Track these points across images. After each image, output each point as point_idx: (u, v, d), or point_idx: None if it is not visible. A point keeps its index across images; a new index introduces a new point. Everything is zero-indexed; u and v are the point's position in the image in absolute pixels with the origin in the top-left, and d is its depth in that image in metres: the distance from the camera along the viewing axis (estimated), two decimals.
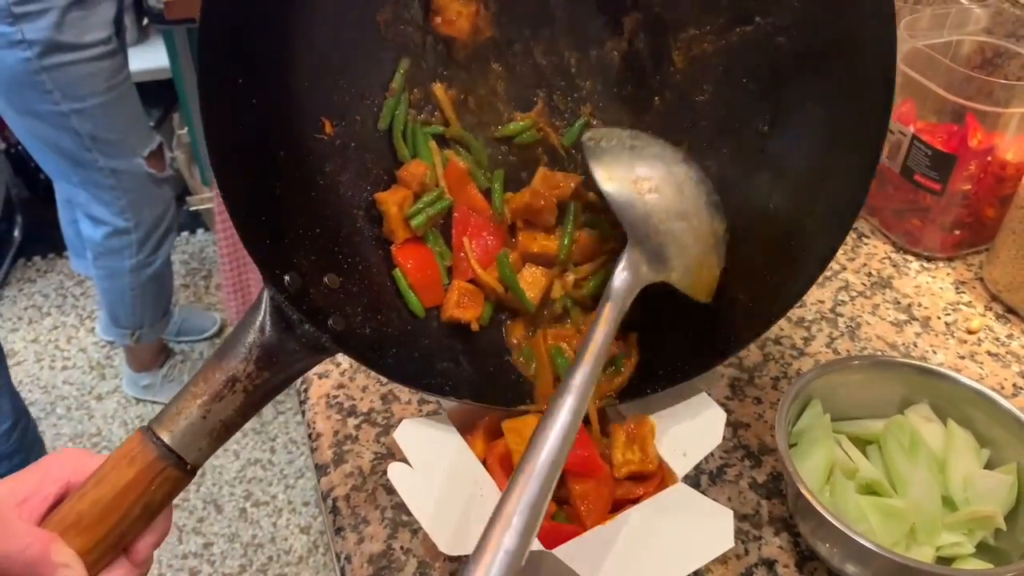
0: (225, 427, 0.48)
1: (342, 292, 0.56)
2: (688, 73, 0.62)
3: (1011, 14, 0.95)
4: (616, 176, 0.55)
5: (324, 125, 0.58)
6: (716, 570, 0.63)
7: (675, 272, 0.54)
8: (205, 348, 2.37)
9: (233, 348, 0.49)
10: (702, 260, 0.55)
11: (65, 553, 0.43)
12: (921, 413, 0.67)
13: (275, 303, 0.50)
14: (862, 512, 0.61)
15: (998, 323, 0.85)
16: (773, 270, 0.59)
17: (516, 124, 0.64)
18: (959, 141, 0.85)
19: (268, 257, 0.51)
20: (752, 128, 0.60)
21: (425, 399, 0.76)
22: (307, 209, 0.56)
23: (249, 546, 1.90)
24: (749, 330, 0.59)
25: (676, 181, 0.56)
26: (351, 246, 0.58)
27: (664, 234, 0.54)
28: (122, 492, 0.45)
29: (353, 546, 0.64)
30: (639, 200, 0.54)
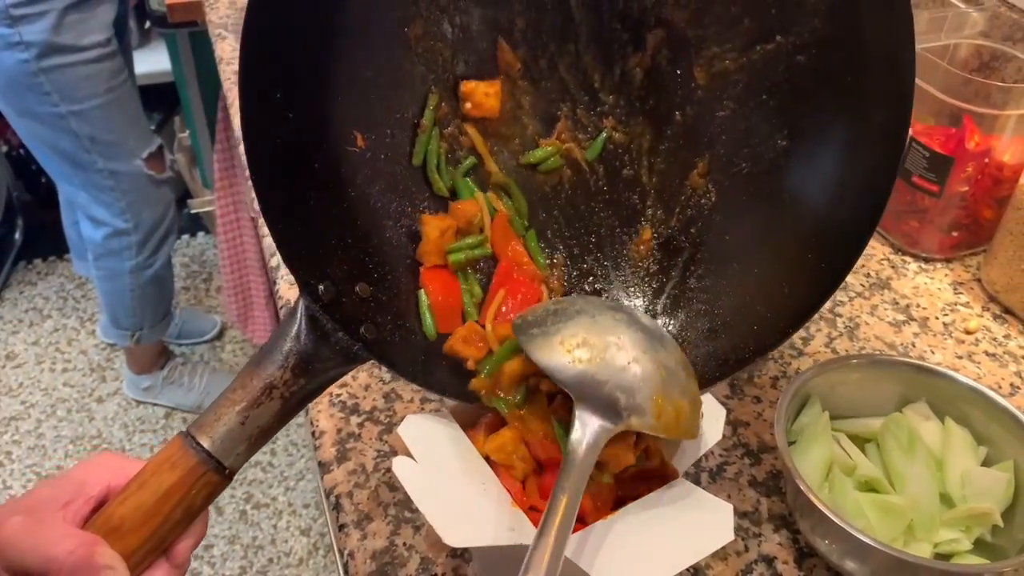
0: (262, 432, 0.50)
1: (373, 301, 0.57)
2: (709, 89, 0.63)
3: (1008, 18, 0.96)
4: (542, 345, 0.53)
5: (356, 138, 0.59)
6: (716, 567, 0.64)
7: (634, 417, 0.51)
8: (205, 350, 2.38)
9: (270, 356, 0.51)
10: (660, 397, 0.52)
11: (109, 556, 0.43)
12: (919, 411, 0.68)
13: (310, 312, 0.52)
14: (860, 509, 0.62)
15: (995, 323, 0.86)
16: (789, 283, 0.60)
17: (541, 151, 0.65)
18: (957, 143, 0.86)
19: (303, 267, 0.53)
20: (771, 143, 0.61)
21: (428, 398, 0.76)
22: (339, 220, 0.57)
23: (249, 548, 1.90)
24: (768, 339, 0.60)
25: (602, 329, 0.54)
26: (380, 256, 0.59)
27: (607, 383, 0.51)
28: (164, 496, 0.46)
29: (356, 543, 0.65)
30: (568, 360, 0.52)
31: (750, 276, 0.62)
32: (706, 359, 0.61)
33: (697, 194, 0.65)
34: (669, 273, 0.65)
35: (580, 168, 0.66)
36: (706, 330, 0.63)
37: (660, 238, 0.66)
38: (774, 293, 0.60)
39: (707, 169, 0.64)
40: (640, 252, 0.66)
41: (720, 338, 0.62)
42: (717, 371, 0.61)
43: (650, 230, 0.66)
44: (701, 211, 0.65)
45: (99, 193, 1.79)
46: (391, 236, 0.61)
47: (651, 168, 0.66)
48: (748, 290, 0.62)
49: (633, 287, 0.66)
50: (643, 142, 0.65)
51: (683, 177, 0.65)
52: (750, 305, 0.61)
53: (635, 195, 0.66)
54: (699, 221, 0.65)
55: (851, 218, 0.57)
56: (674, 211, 0.65)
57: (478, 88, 0.63)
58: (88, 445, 2.13)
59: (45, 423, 2.18)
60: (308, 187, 0.55)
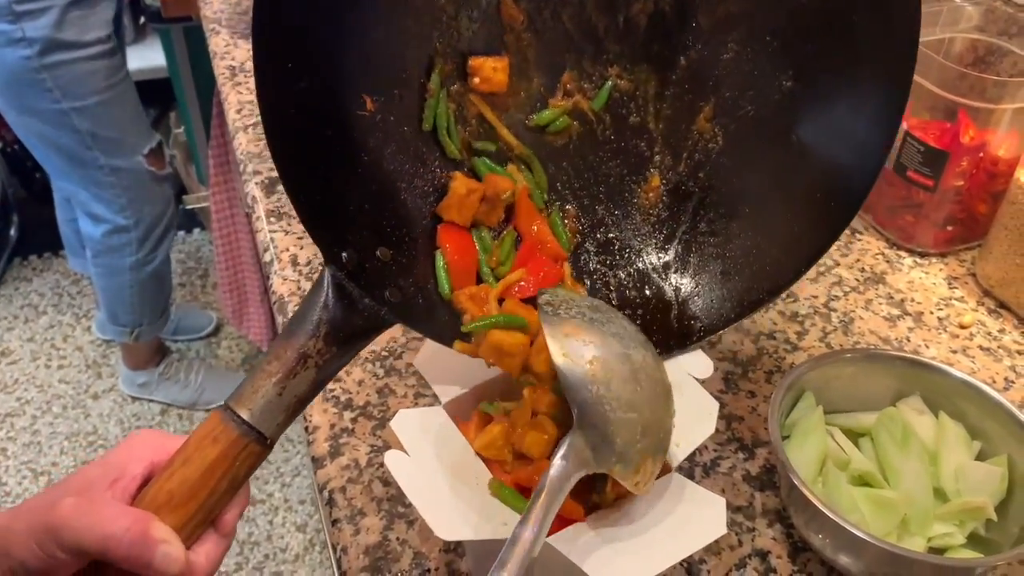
0: (299, 401, 0.50)
1: (394, 264, 0.57)
2: (713, 33, 0.63)
3: (1003, 12, 0.96)
4: (571, 352, 0.51)
5: (365, 102, 0.59)
6: (710, 561, 0.64)
7: (619, 465, 0.50)
8: (201, 347, 2.37)
9: (301, 326, 0.51)
10: (647, 454, 0.51)
11: (163, 530, 0.44)
12: (913, 405, 0.68)
13: (336, 280, 0.52)
14: (854, 503, 0.62)
15: (990, 318, 0.85)
16: (799, 223, 0.61)
17: (549, 112, 0.65)
18: (951, 138, 0.86)
19: (326, 235, 0.53)
20: (776, 85, 0.62)
21: (422, 393, 0.76)
22: (355, 185, 0.57)
23: (245, 544, 1.90)
24: (780, 280, 0.61)
25: (632, 368, 0.52)
26: (397, 219, 0.60)
27: (614, 423, 0.50)
28: (209, 469, 0.47)
29: (349, 538, 0.65)
30: (592, 383, 0.50)
31: (760, 218, 0.63)
32: (721, 301, 0.62)
33: (704, 138, 0.65)
34: (679, 218, 0.66)
35: (587, 118, 0.66)
36: (719, 273, 0.63)
37: (669, 184, 0.66)
38: (784, 234, 0.61)
39: (713, 113, 0.65)
40: (650, 199, 0.66)
41: (733, 280, 0.62)
42: (732, 312, 0.62)
43: (659, 176, 0.66)
44: (709, 155, 0.65)
45: (99, 190, 1.79)
46: (406, 199, 0.61)
47: (657, 114, 0.66)
48: (759, 232, 0.63)
49: (645, 234, 0.66)
50: (649, 88, 0.66)
51: (690, 122, 0.65)
52: (761, 247, 0.62)
53: (642, 142, 0.66)
54: (707, 165, 0.65)
55: (858, 158, 0.58)
56: (682, 156, 0.66)
57: (486, 63, 0.63)
58: (84, 441, 2.12)
59: (40, 419, 2.17)
60: (323, 154, 0.55)
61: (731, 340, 0.81)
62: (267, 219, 0.96)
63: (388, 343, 0.81)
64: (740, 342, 0.81)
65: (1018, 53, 0.92)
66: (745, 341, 0.81)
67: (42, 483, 2.02)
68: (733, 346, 0.81)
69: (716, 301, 0.62)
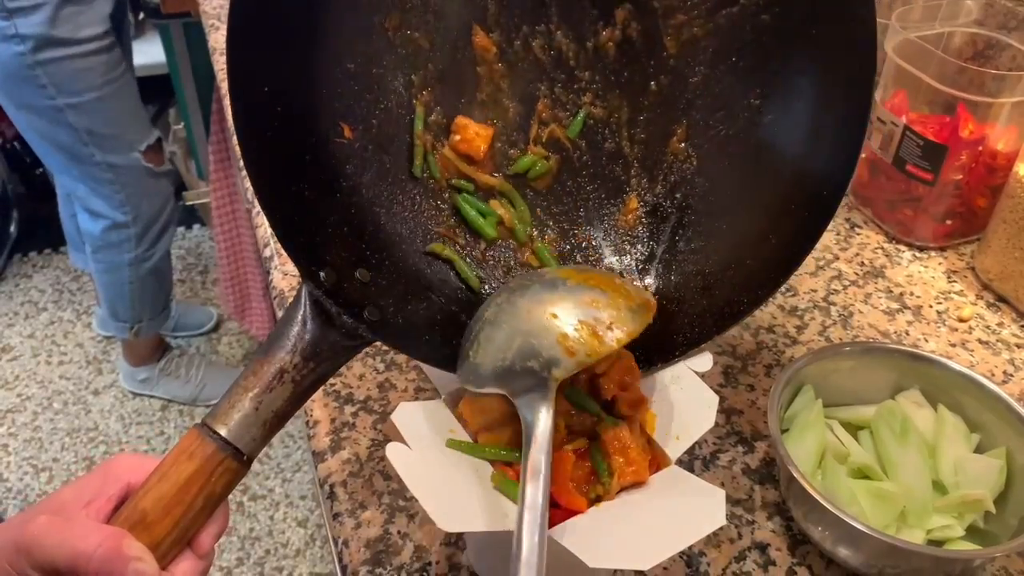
0: (277, 417, 0.50)
1: (373, 285, 0.58)
2: (680, 57, 0.65)
3: (1002, 6, 0.96)
4: (472, 379, 0.55)
5: (343, 130, 0.60)
6: (710, 553, 0.64)
7: (556, 370, 0.52)
8: (202, 343, 2.38)
9: (278, 342, 0.51)
10: (561, 336, 0.52)
11: (136, 547, 0.44)
12: (912, 399, 0.68)
13: (313, 297, 0.53)
14: (853, 496, 0.62)
15: (989, 311, 0.86)
16: (776, 234, 0.62)
17: (526, 159, 0.67)
18: (951, 132, 0.86)
19: (303, 255, 0.53)
20: (745, 103, 0.63)
21: (422, 387, 0.76)
22: (333, 209, 0.58)
23: (246, 539, 1.90)
24: (761, 290, 0.62)
25: (491, 324, 0.55)
26: (377, 242, 0.60)
27: (513, 366, 0.53)
28: (184, 486, 0.47)
29: (351, 531, 0.65)
30: (481, 372, 0.54)
31: (737, 233, 0.64)
32: (703, 315, 0.63)
33: (679, 160, 0.66)
34: (658, 239, 0.67)
35: (563, 146, 0.67)
36: (700, 288, 0.64)
37: (646, 206, 0.67)
38: (762, 246, 0.62)
39: (686, 135, 0.66)
40: (628, 221, 0.67)
41: (714, 294, 0.63)
42: (714, 326, 0.62)
43: (636, 199, 0.67)
44: (684, 176, 0.67)
45: (97, 185, 1.79)
46: (385, 223, 0.62)
47: (632, 139, 0.67)
48: (737, 246, 0.64)
49: (624, 255, 0.68)
50: (621, 114, 0.67)
51: (663, 145, 0.67)
52: (740, 260, 0.63)
53: (618, 167, 0.68)
54: (683, 186, 0.67)
55: (829, 166, 0.60)
56: (658, 179, 0.67)
57: (470, 127, 0.65)
58: (84, 437, 2.13)
59: (41, 416, 2.18)
60: (302, 179, 0.56)
61: (731, 334, 0.82)
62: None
63: None
64: (740, 336, 0.81)
65: (1017, 47, 0.92)
66: (744, 335, 0.82)
67: (43, 479, 2.03)
68: (733, 340, 0.81)
69: (697, 315, 0.63)
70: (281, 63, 0.55)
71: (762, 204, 0.63)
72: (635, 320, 0.54)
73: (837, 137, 0.59)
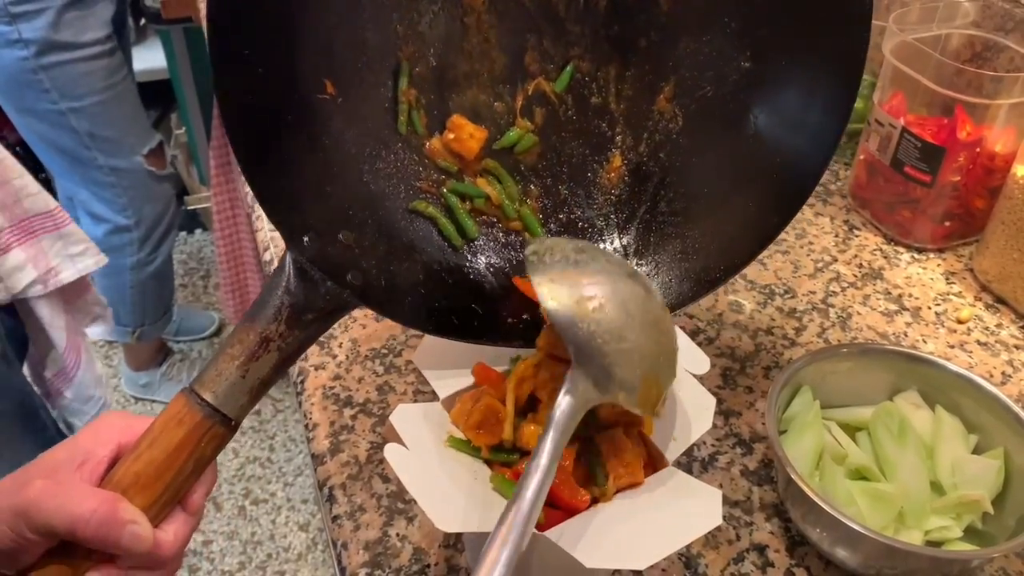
0: (263, 383, 0.52)
1: (356, 247, 0.58)
2: (672, 14, 0.65)
3: (999, 8, 0.96)
4: (559, 295, 0.52)
5: (325, 86, 0.59)
6: (708, 555, 0.64)
7: (622, 392, 0.51)
8: (204, 347, 2.38)
9: (263, 310, 0.52)
10: (649, 378, 0.53)
11: (131, 510, 0.46)
12: (910, 400, 0.68)
13: (297, 264, 0.53)
14: (851, 497, 0.62)
15: (987, 312, 0.86)
16: (756, 205, 0.62)
17: (513, 134, 0.66)
18: (948, 133, 0.86)
19: (286, 220, 0.54)
20: (734, 66, 0.63)
21: (421, 390, 0.77)
22: (316, 169, 0.58)
23: (248, 543, 1.90)
24: (737, 258, 0.62)
25: (621, 298, 0.53)
26: (360, 201, 0.60)
27: (610, 354, 0.51)
28: (175, 451, 0.48)
29: (349, 533, 0.65)
30: (583, 320, 0.51)
31: (718, 199, 0.64)
32: (679, 280, 0.63)
33: (664, 119, 0.66)
34: (640, 198, 0.67)
35: (549, 100, 0.67)
36: (678, 252, 0.64)
37: (630, 164, 0.67)
38: (741, 215, 0.63)
39: (673, 93, 0.66)
40: (611, 179, 0.68)
41: (691, 259, 0.64)
42: (690, 292, 0.63)
43: (620, 157, 0.67)
44: (669, 136, 0.66)
45: (100, 189, 1.79)
46: (368, 180, 0.61)
47: (618, 95, 0.67)
48: (716, 213, 0.64)
49: (606, 214, 0.67)
50: (610, 69, 0.67)
51: (650, 102, 0.67)
52: (718, 227, 0.63)
53: (604, 123, 0.68)
54: (667, 146, 0.67)
55: (813, 141, 0.60)
56: (642, 137, 0.67)
57: (466, 127, 0.64)
58: None
59: None
60: (283, 139, 0.56)
61: (729, 336, 0.82)
62: (268, 219, 0.97)
63: (388, 341, 0.81)
64: (738, 338, 0.82)
65: (1015, 49, 0.92)
66: (743, 337, 0.82)
67: None
68: (731, 342, 0.81)
69: (675, 281, 0.63)
70: (260, 17, 0.54)
71: (744, 172, 0.63)
72: (659, 411, 0.55)
73: (824, 112, 0.59)
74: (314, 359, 0.79)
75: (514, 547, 0.44)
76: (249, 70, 0.53)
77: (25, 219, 1.22)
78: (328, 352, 0.80)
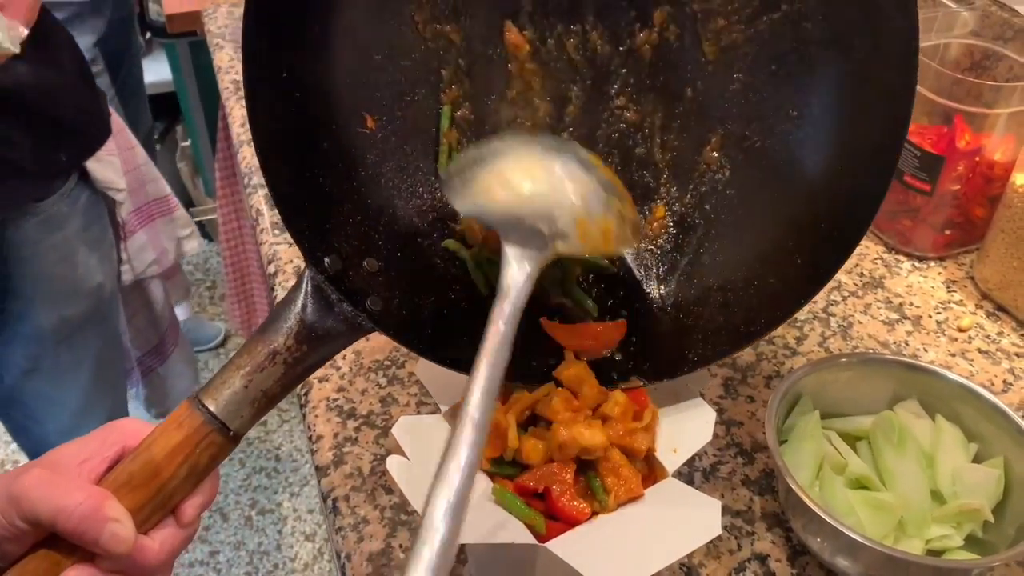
0: (267, 397, 0.52)
1: (381, 276, 0.58)
2: (719, 63, 0.63)
3: (998, 17, 0.96)
4: (463, 194, 0.53)
5: (366, 120, 0.60)
6: (709, 565, 0.64)
7: (559, 242, 0.51)
8: (210, 358, 2.39)
9: (275, 324, 0.52)
10: (582, 219, 0.52)
11: (116, 509, 0.46)
12: (910, 409, 0.68)
13: (315, 282, 0.53)
14: (851, 506, 0.62)
15: (988, 321, 0.86)
16: (801, 254, 0.61)
17: None
18: (947, 142, 0.87)
19: (309, 240, 0.54)
20: (782, 114, 0.62)
21: (424, 401, 0.77)
22: (349, 198, 0.58)
23: (255, 554, 1.91)
24: (780, 310, 0.61)
25: (516, 165, 0.53)
26: (391, 233, 0.60)
27: (527, 216, 0.51)
28: (170, 454, 0.49)
29: (353, 545, 0.66)
30: (488, 199, 0.52)
31: (764, 250, 0.63)
32: (718, 332, 0.62)
33: (711, 170, 0.65)
34: (683, 250, 0.66)
35: (592, 147, 0.66)
36: (719, 304, 0.63)
37: (674, 216, 0.66)
38: (786, 265, 0.61)
39: (721, 144, 0.64)
40: (654, 230, 0.66)
41: (732, 312, 0.62)
42: (728, 345, 0.62)
43: (663, 208, 0.66)
44: (715, 187, 0.65)
45: None
46: (402, 215, 0.62)
47: (664, 145, 0.66)
48: (761, 264, 0.62)
49: (647, 265, 0.66)
50: (655, 119, 0.65)
51: (697, 153, 0.65)
52: (763, 278, 0.62)
53: (648, 173, 0.66)
54: (713, 196, 0.65)
55: (862, 185, 0.58)
56: (688, 188, 0.66)
57: (474, 224, 0.64)
58: None
59: None
60: (315, 166, 0.56)
61: None
62: (271, 231, 0.98)
63: (391, 353, 0.82)
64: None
65: (1013, 58, 0.92)
66: None
67: None
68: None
69: (712, 332, 0.62)
70: (301, 48, 0.54)
71: (791, 222, 0.61)
72: (632, 240, 0.56)
73: (872, 155, 0.58)
74: (318, 371, 0.80)
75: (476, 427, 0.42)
76: (285, 95, 0.53)
77: (146, 203, 1.31)
78: (332, 364, 0.80)
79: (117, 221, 1.23)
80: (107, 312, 1.23)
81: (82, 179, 1.13)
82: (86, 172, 1.13)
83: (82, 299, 1.17)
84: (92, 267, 1.17)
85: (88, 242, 1.15)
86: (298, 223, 0.54)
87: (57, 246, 1.10)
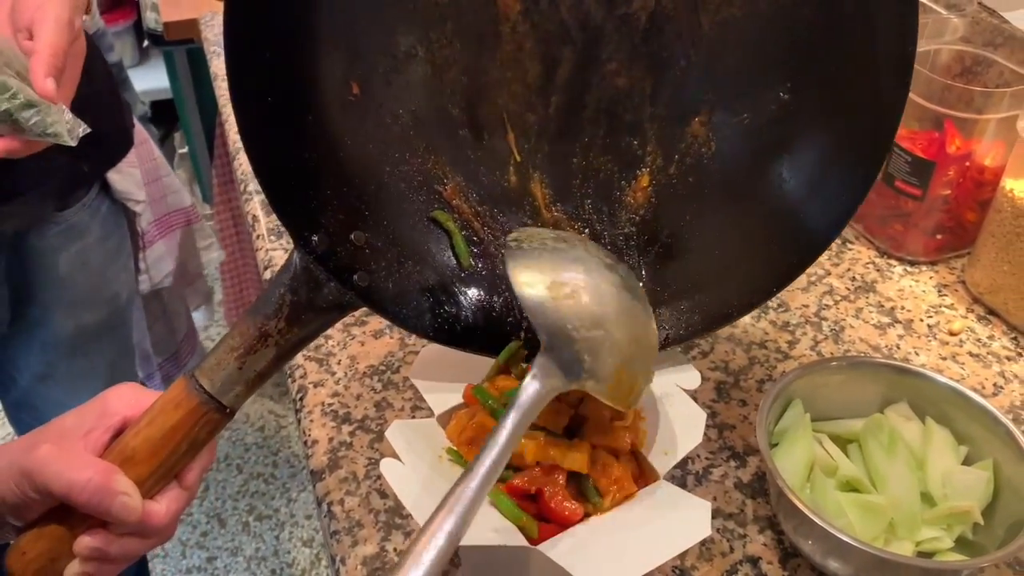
0: (259, 376, 0.54)
1: (367, 248, 0.58)
2: (714, 36, 0.63)
3: (988, 23, 0.97)
4: (532, 280, 0.52)
5: (352, 87, 0.59)
6: (702, 567, 0.65)
7: (591, 380, 0.51)
8: None
9: (265, 305, 0.54)
10: (622, 370, 0.52)
11: (124, 483, 0.49)
12: (900, 412, 0.69)
13: (303, 263, 0.54)
14: (841, 509, 0.63)
15: (979, 324, 0.87)
16: (779, 242, 0.61)
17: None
18: (938, 148, 0.87)
19: (296, 219, 0.55)
20: (773, 95, 0.62)
21: (418, 406, 0.78)
22: (335, 170, 0.58)
23: (252, 559, 1.91)
24: (752, 298, 0.62)
25: (597, 287, 0.53)
26: (378, 202, 0.61)
27: (580, 341, 0.51)
28: (170, 432, 0.52)
29: (347, 549, 0.66)
30: (553, 306, 0.51)
31: (742, 232, 0.63)
32: (690, 311, 0.63)
33: (698, 142, 0.65)
34: (663, 222, 0.66)
35: (580, 113, 0.66)
36: (694, 282, 0.64)
37: (658, 185, 0.66)
38: (763, 252, 0.62)
39: (709, 117, 0.64)
40: (637, 199, 0.67)
41: (706, 291, 0.63)
42: (700, 324, 0.62)
43: (648, 177, 0.66)
44: (700, 160, 0.65)
45: None
46: (389, 182, 0.62)
47: (652, 114, 0.65)
48: (738, 246, 0.63)
49: (627, 234, 0.66)
50: (645, 87, 0.65)
51: (684, 124, 0.65)
52: (739, 262, 0.63)
53: (636, 140, 0.66)
54: (697, 170, 0.65)
55: (846, 179, 0.59)
56: (673, 158, 0.66)
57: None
58: None
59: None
60: (300, 141, 0.56)
61: (723, 350, 0.83)
62: (268, 237, 0.98)
63: (385, 358, 0.82)
64: (732, 352, 0.82)
65: (1003, 64, 0.93)
66: (737, 351, 0.83)
67: None
68: (725, 356, 0.82)
69: (686, 310, 0.62)
70: (283, 15, 0.54)
71: (773, 206, 0.62)
72: (643, 395, 0.56)
73: (861, 149, 0.58)
74: (313, 376, 0.80)
75: (458, 519, 0.44)
76: (268, 70, 0.53)
77: (166, 214, 1.33)
78: (327, 369, 0.81)
79: (136, 231, 1.24)
80: (122, 321, 1.24)
81: (103, 189, 1.14)
82: (107, 183, 1.14)
83: (99, 308, 1.18)
84: (109, 276, 1.18)
85: (107, 252, 1.16)
86: (284, 203, 0.55)
87: (76, 255, 1.11)
